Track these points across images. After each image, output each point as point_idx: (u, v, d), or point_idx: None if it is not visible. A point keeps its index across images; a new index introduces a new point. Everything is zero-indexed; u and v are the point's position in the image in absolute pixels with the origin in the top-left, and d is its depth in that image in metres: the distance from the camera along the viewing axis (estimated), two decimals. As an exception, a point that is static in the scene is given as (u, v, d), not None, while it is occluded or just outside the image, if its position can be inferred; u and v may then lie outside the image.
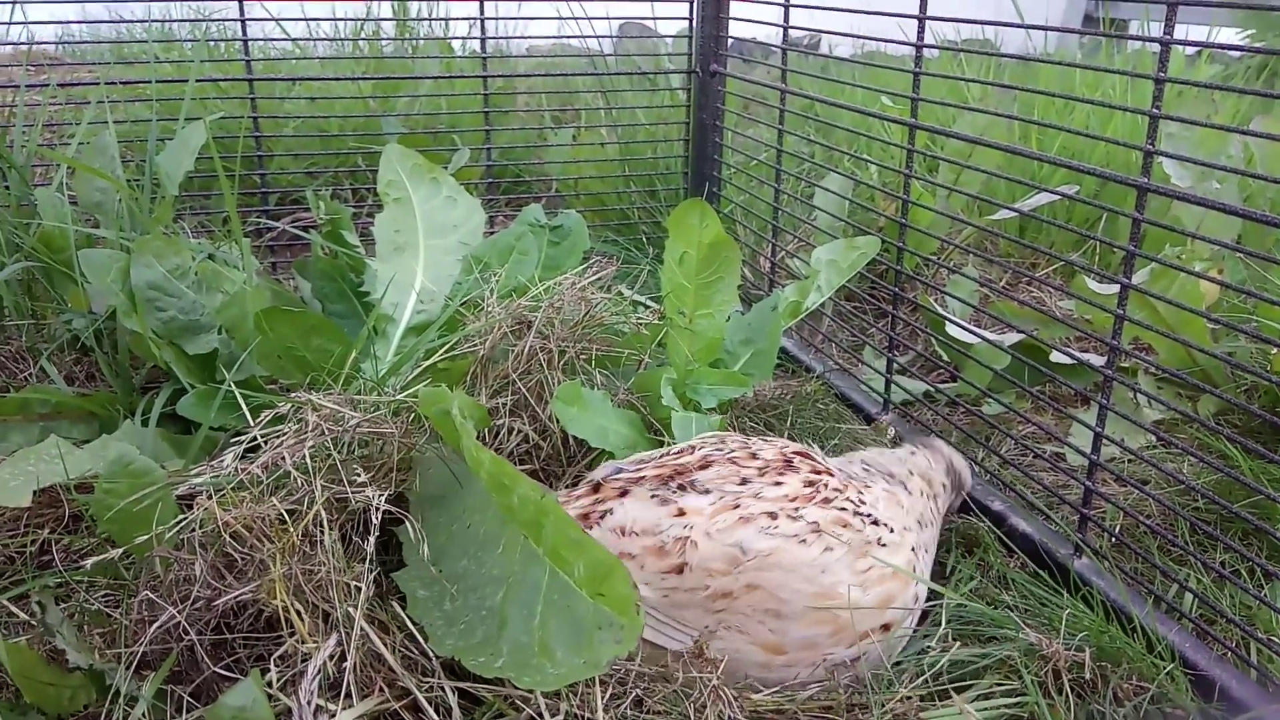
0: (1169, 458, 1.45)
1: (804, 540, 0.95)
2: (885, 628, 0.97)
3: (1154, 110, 0.99)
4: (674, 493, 0.97)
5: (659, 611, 0.93)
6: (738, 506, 0.96)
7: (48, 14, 1.81)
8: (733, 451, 1.03)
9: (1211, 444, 1.42)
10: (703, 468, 1.01)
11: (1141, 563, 1.19)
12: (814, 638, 0.94)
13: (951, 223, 2.06)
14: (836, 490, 1.00)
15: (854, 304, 1.96)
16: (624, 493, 0.98)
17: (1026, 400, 1.62)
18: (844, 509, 0.99)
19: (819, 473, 1.02)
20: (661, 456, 1.04)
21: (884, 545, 0.99)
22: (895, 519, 1.03)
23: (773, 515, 0.96)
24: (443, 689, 0.84)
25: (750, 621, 0.93)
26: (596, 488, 1.01)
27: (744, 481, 0.99)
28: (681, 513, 0.95)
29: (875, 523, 1.00)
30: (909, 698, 0.94)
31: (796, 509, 0.97)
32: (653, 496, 0.97)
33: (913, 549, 1.02)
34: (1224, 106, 2.29)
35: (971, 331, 1.46)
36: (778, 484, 0.99)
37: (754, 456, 1.03)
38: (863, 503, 1.01)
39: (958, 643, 1.02)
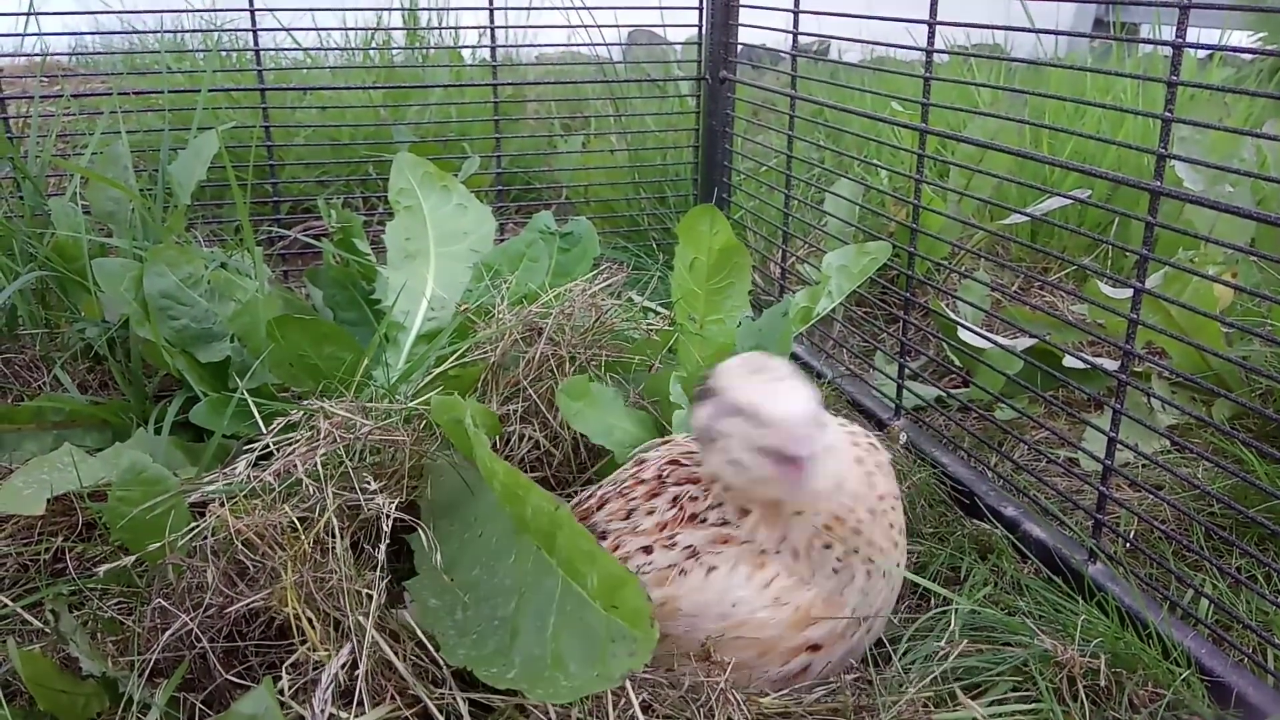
0: (1183, 462, 1.44)
1: (683, 570, 0.90)
2: (814, 648, 0.91)
3: (1166, 114, 0.99)
4: None
5: None
6: (617, 548, 0.92)
7: (61, 25, 1.83)
8: (624, 482, 1.00)
9: (1226, 448, 1.41)
10: (600, 506, 0.98)
11: (1156, 568, 1.18)
12: (742, 661, 0.90)
13: (963, 227, 2.05)
14: (695, 499, 0.93)
15: (865, 309, 1.95)
16: None
17: (1039, 405, 1.61)
18: (723, 522, 0.91)
19: (681, 483, 0.95)
20: (574, 506, 1.02)
21: (779, 552, 0.91)
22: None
23: (647, 550, 0.92)
24: (454, 697, 0.84)
25: (680, 663, 0.89)
26: None
27: (628, 515, 0.95)
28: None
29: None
30: (915, 700, 0.94)
31: (670, 536, 0.91)
32: None
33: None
34: (1236, 110, 2.28)
35: (984, 336, 1.46)
36: (649, 512, 0.94)
37: (639, 481, 0.98)
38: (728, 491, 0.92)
39: (965, 641, 1.01)
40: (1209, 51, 3.10)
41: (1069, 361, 1.52)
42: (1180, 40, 0.96)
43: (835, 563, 0.91)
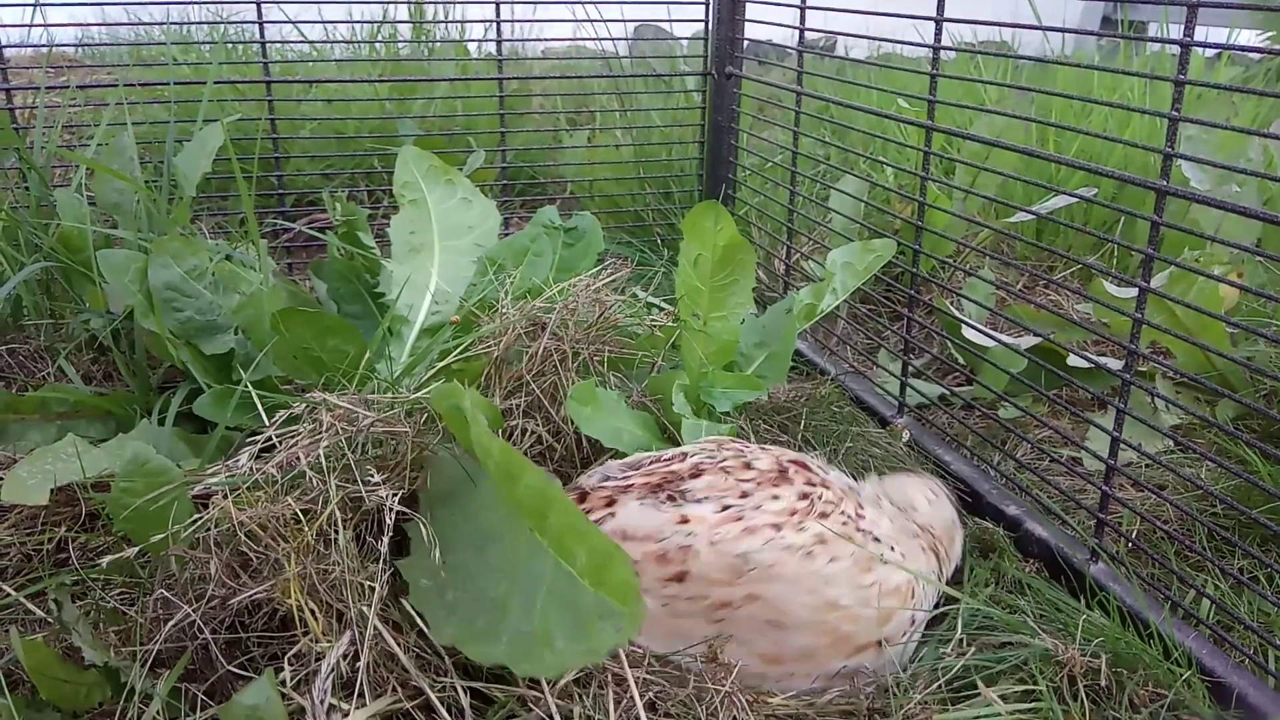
0: (1187, 462, 1.44)
1: (810, 553, 0.94)
2: (881, 644, 0.97)
3: (1173, 113, 0.98)
4: (664, 502, 0.96)
5: (659, 620, 0.93)
6: (740, 518, 0.95)
7: (67, 16, 1.83)
8: (726, 460, 1.01)
9: (1230, 449, 1.41)
10: (694, 476, 0.99)
11: (1158, 568, 1.18)
12: (812, 648, 0.94)
13: (968, 225, 2.05)
14: (831, 503, 0.99)
15: (869, 307, 1.95)
16: (611, 501, 0.97)
17: (1043, 404, 1.61)
18: (846, 523, 0.98)
19: (813, 484, 1.00)
20: (651, 464, 1.03)
21: (886, 562, 0.99)
22: (897, 541, 1.02)
23: (776, 527, 0.95)
24: (455, 688, 0.84)
25: (749, 632, 0.93)
26: (583, 496, 0.99)
27: (744, 495, 0.97)
28: (685, 520, 0.94)
29: (877, 539, 0.99)
30: (926, 703, 0.94)
31: (799, 522, 0.96)
32: (640, 504, 0.96)
33: (914, 575, 1.01)
34: (1244, 109, 2.27)
35: (988, 334, 1.45)
36: (774, 497, 0.97)
37: (748, 466, 1.01)
38: (861, 517, 1.00)
39: (973, 648, 1.01)
40: (1217, 50, 3.08)
41: (1073, 360, 1.52)
42: (1188, 39, 0.96)
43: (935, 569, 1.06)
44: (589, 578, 0.76)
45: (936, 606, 1.07)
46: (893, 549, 1.00)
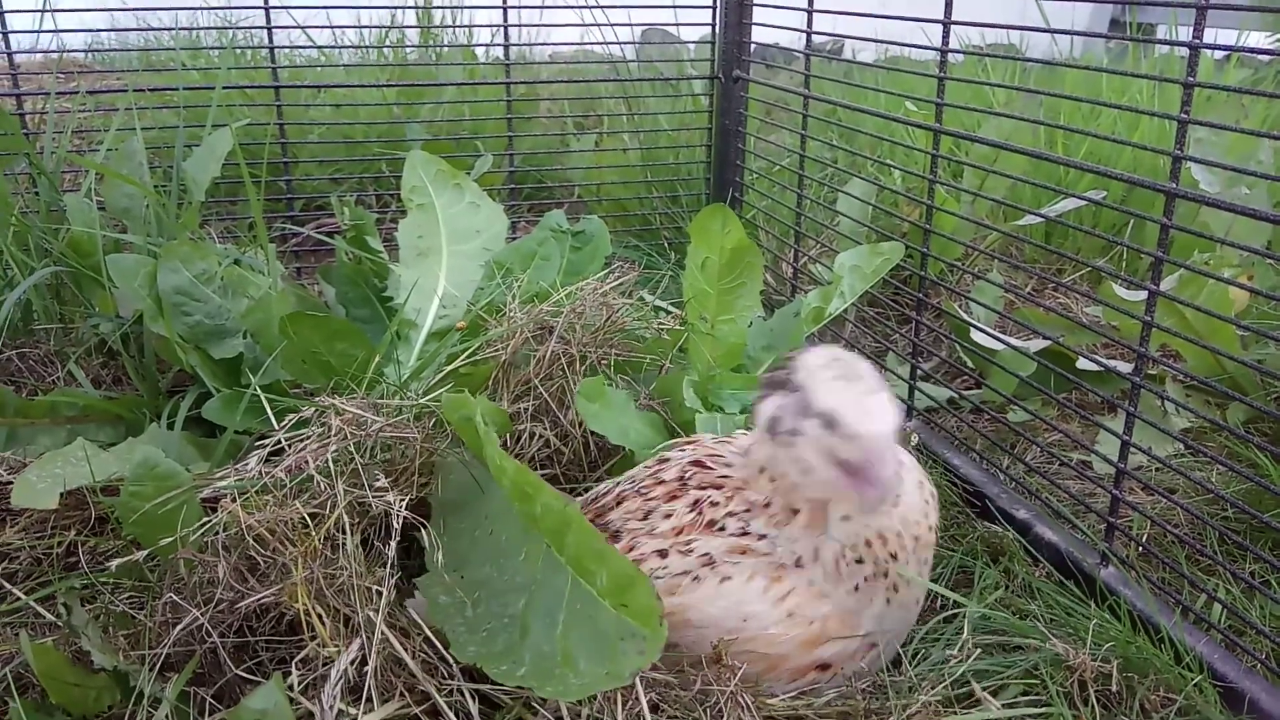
0: (1197, 466, 1.43)
1: (697, 577, 0.89)
2: (822, 667, 0.90)
3: (1182, 115, 0.98)
4: None
5: None
6: (632, 549, 0.92)
7: (77, 22, 1.84)
8: (643, 481, 0.98)
9: (1241, 452, 1.40)
10: (617, 504, 0.97)
11: (1169, 572, 1.17)
12: (748, 676, 0.88)
13: (976, 228, 2.05)
14: (715, 505, 0.91)
15: (877, 310, 1.95)
16: None
17: (1053, 407, 1.60)
18: (743, 532, 0.89)
19: (703, 486, 0.94)
20: (591, 501, 1.01)
21: (801, 566, 0.89)
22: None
23: (662, 553, 0.90)
24: (462, 693, 0.84)
25: (687, 668, 0.88)
26: None
27: (646, 515, 0.94)
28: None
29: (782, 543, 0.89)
30: (929, 704, 0.93)
31: (686, 542, 0.90)
32: None
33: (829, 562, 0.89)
34: (1254, 111, 2.26)
35: (996, 338, 1.45)
36: (667, 515, 0.93)
37: (659, 482, 0.97)
38: (749, 511, 0.90)
39: (978, 651, 1.01)
40: (1226, 52, 3.07)
41: (1082, 364, 1.51)
42: (1197, 41, 0.95)
43: (861, 580, 0.89)
44: (611, 599, 0.76)
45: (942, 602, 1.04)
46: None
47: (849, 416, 0.81)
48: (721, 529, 0.91)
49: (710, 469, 0.96)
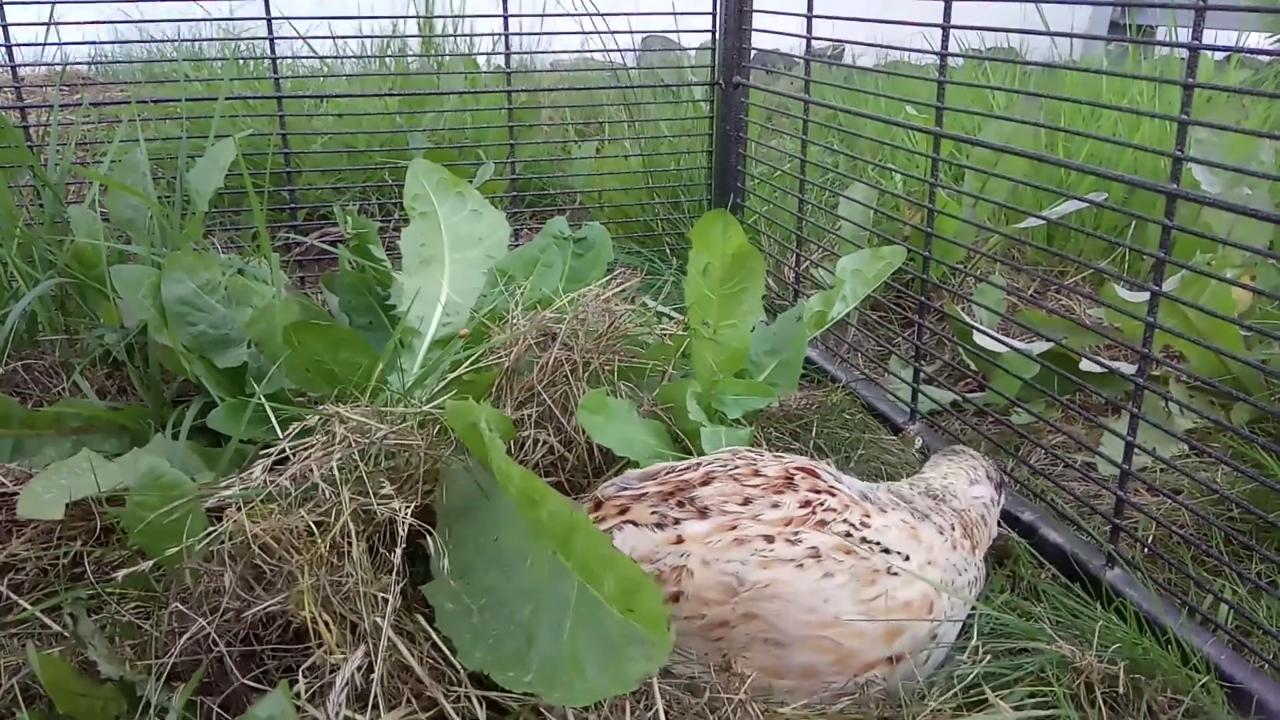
0: (1202, 467, 1.43)
1: (801, 565, 0.92)
2: (892, 660, 0.93)
3: (1183, 116, 0.98)
4: (674, 509, 0.95)
5: None
6: (734, 528, 0.93)
7: (80, 35, 1.85)
8: (736, 468, 1.01)
9: (1245, 452, 1.40)
10: (705, 484, 0.99)
11: (1175, 574, 1.17)
12: (814, 666, 0.91)
13: (978, 231, 2.05)
14: (833, 511, 0.96)
15: (880, 313, 1.95)
16: (624, 510, 0.97)
17: (1056, 409, 1.60)
18: (846, 534, 0.95)
19: (818, 491, 0.98)
20: (666, 473, 1.02)
21: (894, 574, 0.95)
22: (910, 550, 0.98)
23: (769, 539, 0.93)
24: (469, 699, 0.84)
25: (748, 650, 0.91)
26: (598, 505, 0.99)
27: (746, 501, 0.96)
28: (679, 540, 0.93)
29: (885, 551, 0.96)
30: (940, 710, 0.93)
31: (794, 532, 0.93)
32: (653, 513, 0.95)
33: (934, 585, 0.97)
34: (1254, 111, 2.26)
35: (999, 340, 1.45)
36: (775, 505, 0.96)
37: (757, 474, 1.00)
38: (866, 526, 0.97)
39: (988, 655, 1.00)
40: (1226, 53, 3.08)
41: (1086, 365, 1.51)
42: (1196, 42, 0.96)
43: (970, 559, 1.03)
44: (618, 604, 0.76)
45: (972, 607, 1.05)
46: (907, 558, 0.97)
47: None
48: (830, 528, 0.95)
49: (825, 480, 1.01)
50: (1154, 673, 0.97)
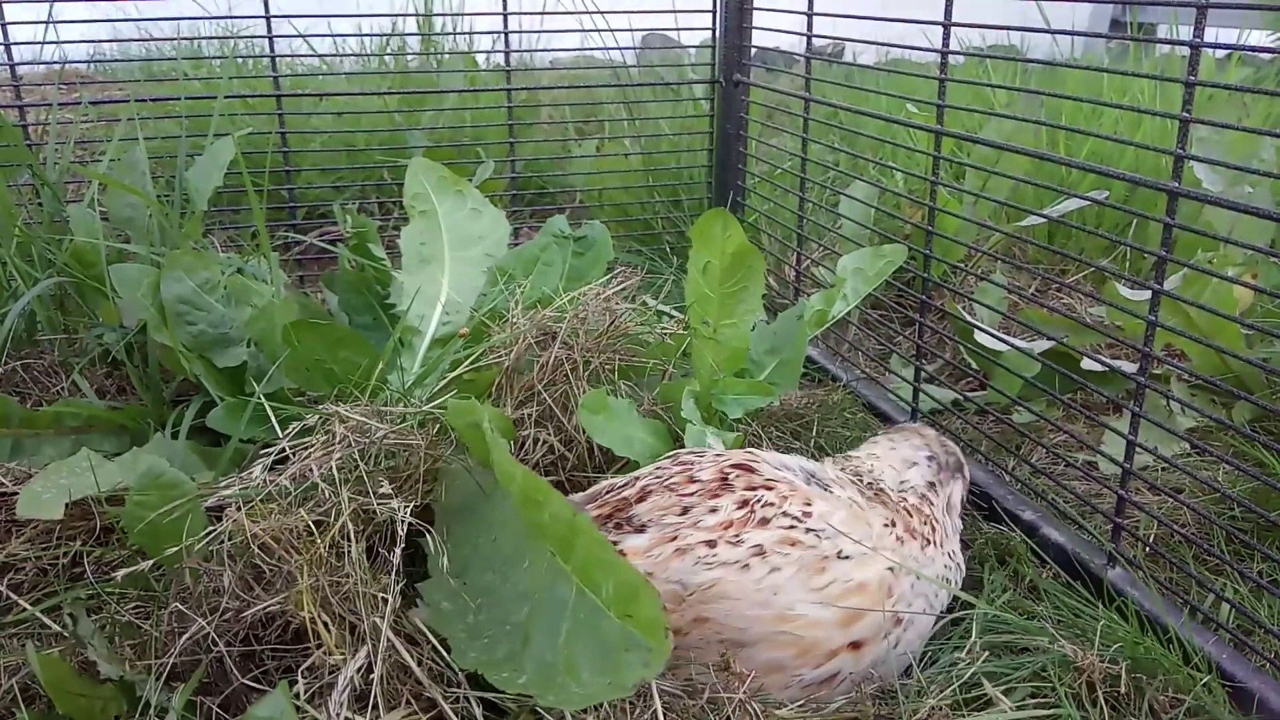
0: (1204, 465, 1.43)
1: (746, 565, 0.91)
2: (855, 645, 0.93)
3: (1184, 114, 0.98)
4: (612, 532, 0.95)
5: None
6: (674, 539, 0.93)
7: (79, 34, 1.85)
8: (671, 478, 1.00)
9: (1247, 451, 1.40)
10: (641, 500, 0.98)
11: (1177, 572, 1.17)
12: (777, 661, 0.91)
13: (979, 229, 2.04)
14: (771, 505, 0.95)
15: (881, 312, 1.95)
16: None
17: (1057, 408, 1.60)
18: (790, 526, 0.94)
19: (754, 488, 0.97)
20: (606, 493, 1.02)
21: (846, 558, 0.94)
22: (858, 531, 0.97)
23: (710, 544, 0.92)
24: (468, 700, 0.84)
25: (707, 655, 0.90)
26: None
27: (684, 511, 0.95)
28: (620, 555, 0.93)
29: (830, 537, 0.95)
30: (938, 707, 0.93)
31: (735, 535, 0.93)
32: None
33: (890, 569, 0.96)
34: (1255, 110, 2.26)
35: (1000, 339, 1.45)
36: (712, 510, 0.95)
37: (691, 480, 0.99)
38: (807, 515, 0.96)
39: (986, 653, 1.00)
40: (1227, 51, 3.07)
41: (1087, 364, 1.51)
42: (1198, 40, 0.95)
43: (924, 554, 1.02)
44: (616, 609, 0.75)
45: (952, 601, 1.05)
46: (855, 540, 0.96)
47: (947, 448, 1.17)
48: (769, 523, 0.95)
49: (757, 473, 1.00)
50: (1155, 672, 0.97)
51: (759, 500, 0.96)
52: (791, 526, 0.94)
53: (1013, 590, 1.14)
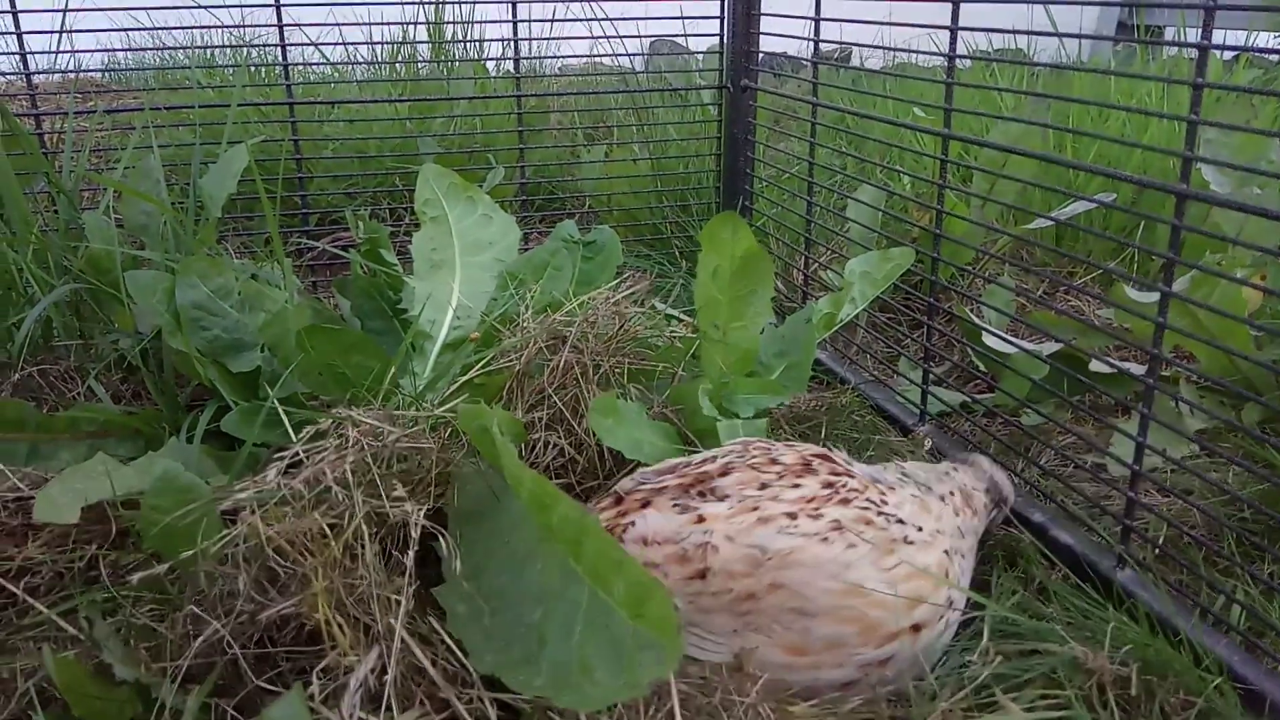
0: (1213, 467, 1.42)
1: (825, 538, 0.94)
2: (915, 628, 0.96)
3: (1192, 116, 0.98)
4: (694, 500, 0.98)
5: (686, 619, 0.93)
6: (756, 509, 0.96)
7: (94, 42, 1.86)
8: (754, 458, 1.03)
9: (1257, 453, 1.39)
10: (723, 474, 1.01)
11: (1187, 574, 1.17)
12: (840, 636, 0.93)
13: (986, 232, 2.05)
14: (855, 491, 0.99)
15: (889, 315, 1.95)
16: (646, 504, 0.99)
17: (1066, 410, 1.60)
18: (865, 508, 0.98)
19: (838, 474, 1.01)
20: (685, 466, 1.04)
21: (911, 543, 0.98)
22: (923, 521, 1.01)
23: (792, 515, 0.95)
24: (482, 701, 0.85)
25: (775, 622, 0.93)
26: (619, 500, 1.01)
27: (763, 486, 0.99)
28: (701, 519, 0.96)
29: (900, 522, 0.99)
30: (951, 711, 0.93)
31: (816, 509, 0.96)
32: (674, 505, 0.98)
33: (945, 551, 1.00)
34: (1264, 111, 2.26)
35: (1009, 341, 1.45)
36: (796, 486, 0.99)
37: (774, 462, 1.03)
38: (884, 503, 1.00)
39: (999, 656, 1.00)
40: (1235, 53, 3.07)
41: (1095, 366, 1.51)
42: (1205, 42, 0.96)
43: (968, 527, 1.07)
44: (628, 609, 0.76)
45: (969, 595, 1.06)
46: (919, 529, 1.00)
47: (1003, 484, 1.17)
48: (852, 504, 0.98)
49: (840, 465, 1.04)
50: (1166, 674, 0.97)
51: (843, 484, 1.00)
52: (867, 508, 0.98)
53: (1022, 592, 1.14)
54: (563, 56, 2.75)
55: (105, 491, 1.06)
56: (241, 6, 2.07)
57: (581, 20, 2.32)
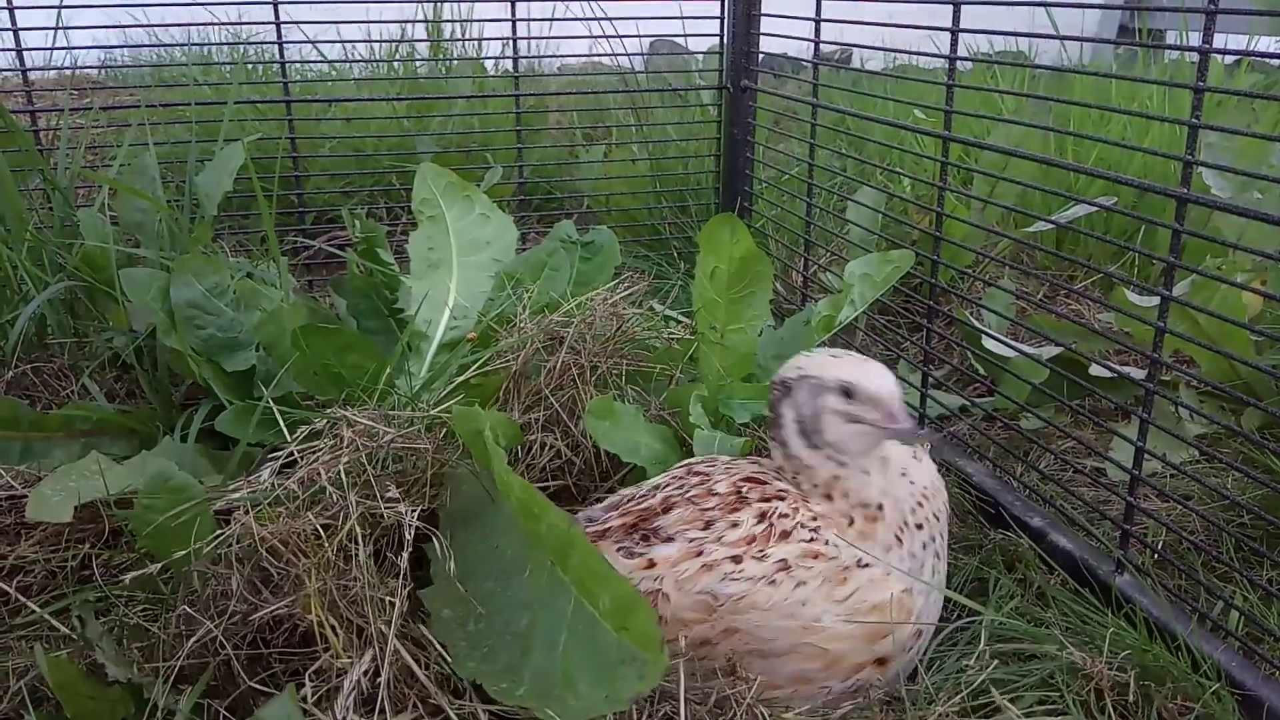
0: (1212, 472, 1.42)
1: (773, 580, 0.93)
2: (880, 662, 0.94)
3: (1193, 120, 0.98)
4: (638, 544, 0.97)
5: None
6: (700, 554, 0.94)
7: (90, 39, 1.86)
8: (693, 488, 1.01)
9: (1256, 458, 1.39)
10: (665, 510, 0.99)
11: (1185, 580, 1.17)
12: (805, 673, 0.92)
13: (987, 235, 2.04)
14: (786, 518, 0.97)
15: (888, 318, 1.95)
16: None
17: (1066, 414, 1.60)
18: (810, 539, 0.95)
19: (767, 499, 0.99)
20: (628, 501, 1.03)
21: (865, 565, 0.96)
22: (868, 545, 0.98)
23: (736, 560, 0.94)
24: (475, 707, 0.84)
25: (738, 665, 0.92)
26: None
27: (707, 525, 0.97)
28: (651, 564, 0.95)
29: (846, 546, 0.96)
30: (946, 714, 0.93)
31: (760, 550, 0.94)
32: (619, 549, 0.97)
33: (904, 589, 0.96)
34: (1265, 115, 2.25)
35: (1008, 345, 1.44)
36: (734, 525, 0.96)
37: (710, 493, 1.00)
38: (816, 523, 0.97)
39: (997, 661, 1.00)
40: (1236, 57, 3.07)
41: (1095, 370, 1.51)
42: (1207, 46, 0.95)
43: (920, 548, 0.99)
44: (612, 622, 0.76)
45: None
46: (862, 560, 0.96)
47: (861, 381, 0.97)
48: (791, 537, 0.96)
49: (767, 483, 1.01)
50: (1164, 679, 0.97)
51: (774, 512, 0.97)
52: (811, 539, 0.96)
53: (1020, 597, 1.14)
54: (561, 56, 2.75)
55: (99, 490, 1.06)
56: (239, 4, 2.06)
57: (581, 20, 2.31)
